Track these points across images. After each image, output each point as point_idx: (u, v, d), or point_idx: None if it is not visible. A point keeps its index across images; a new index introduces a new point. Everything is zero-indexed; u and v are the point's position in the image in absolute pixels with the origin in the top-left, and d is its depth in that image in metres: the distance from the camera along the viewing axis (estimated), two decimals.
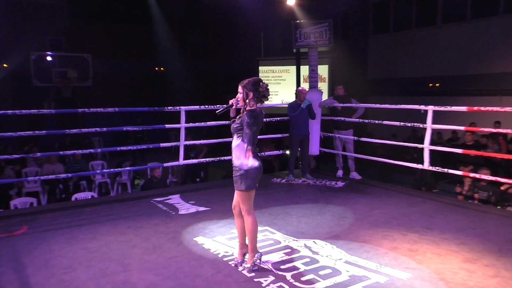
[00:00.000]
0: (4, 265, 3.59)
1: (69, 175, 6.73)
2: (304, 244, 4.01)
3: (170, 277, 3.35)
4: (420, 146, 5.94)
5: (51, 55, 13.94)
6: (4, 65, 13.35)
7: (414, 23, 13.48)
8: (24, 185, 8.10)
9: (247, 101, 3.37)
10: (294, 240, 4.13)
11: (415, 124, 6.06)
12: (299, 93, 6.76)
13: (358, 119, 6.88)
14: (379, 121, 6.71)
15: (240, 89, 3.40)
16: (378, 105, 6.98)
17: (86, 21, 15.01)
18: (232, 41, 15.88)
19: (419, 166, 5.97)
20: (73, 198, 6.43)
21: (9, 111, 5.46)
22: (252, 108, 3.37)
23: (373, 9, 14.80)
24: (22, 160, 8.93)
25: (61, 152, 6.68)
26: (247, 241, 3.48)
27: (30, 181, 7.80)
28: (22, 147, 10.49)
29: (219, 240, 4.15)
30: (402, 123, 6.23)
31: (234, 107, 3.51)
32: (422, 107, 5.74)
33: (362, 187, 6.39)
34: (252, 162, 3.30)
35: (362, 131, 10.99)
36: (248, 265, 3.44)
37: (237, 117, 3.43)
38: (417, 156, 8.18)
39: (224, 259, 3.68)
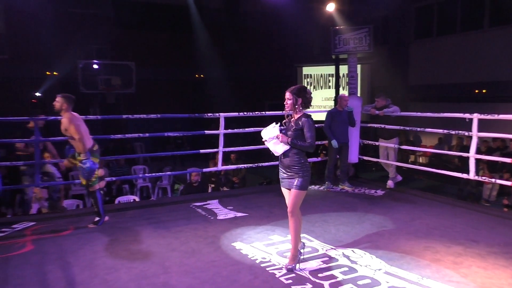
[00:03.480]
0: (52, 264, 3.77)
1: (113, 178, 6.97)
2: (343, 253, 3.95)
3: (208, 280, 3.40)
4: (465, 154, 5.72)
5: (97, 63, 14.54)
6: (54, 73, 14.06)
7: (459, 27, 13.01)
8: (71, 188, 8.46)
9: (296, 106, 3.57)
10: (332, 248, 4.08)
11: (460, 132, 5.84)
12: (340, 99, 6.69)
13: (399, 127, 6.71)
14: (421, 129, 6.53)
15: (289, 95, 3.59)
16: (420, 114, 6.79)
17: (129, 30, 15.56)
18: (269, 48, 15.95)
19: (464, 175, 5.74)
20: (116, 201, 6.66)
21: (58, 117, 5.73)
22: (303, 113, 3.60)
23: (415, 13, 14.44)
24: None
25: (107, 157, 6.92)
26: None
27: (77, 184, 8.14)
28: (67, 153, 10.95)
29: (256, 246, 4.16)
30: (445, 131, 6.03)
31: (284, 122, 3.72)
32: (467, 115, 5.53)
33: (403, 196, 6.23)
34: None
35: (403, 139, 10.73)
36: (290, 266, 3.57)
37: (288, 123, 3.64)
38: (461, 164, 7.90)
39: (262, 265, 3.69)
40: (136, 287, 3.30)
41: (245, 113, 6.56)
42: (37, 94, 14.16)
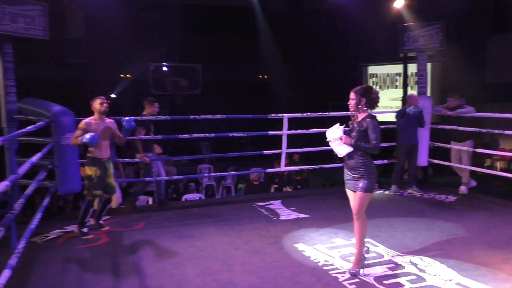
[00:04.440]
0: (124, 256, 4.01)
1: (181, 177, 7.25)
2: (410, 260, 3.79)
3: (270, 280, 3.43)
4: None
5: (166, 66, 15.24)
6: (128, 75, 14.95)
7: None
8: None
9: (359, 107, 3.49)
10: (398, 255, 3.93)
11: None
12: (409, 99, 6.43)
13: (474, 128, 6.29)
14: (500, 131, 6.08)
15: (353, 95, 3.52)
16: (498, 115, 6.31)
17: (196, 33, 16.13)
18: (334, 47, 15.70)
19: None
20: (183, 199, 6.94)
21: (132, 118, 6.09)
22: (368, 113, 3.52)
23: (493, 6, 13.44)
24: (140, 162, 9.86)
25: (174, 157, 7.21)
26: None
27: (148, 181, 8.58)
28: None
29: (319, 248, 4.13)
30: None
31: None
32: None
33: (477, 203, 5.84)
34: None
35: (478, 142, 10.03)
36: (354, 270, 3.50)
37: (352, 124, 3.57)
38: None
39: (324, 268, 3.66)
40: (201, 283, 3.42)
41: (308, 113, 6.52)
42: (112, 95, 15.14)
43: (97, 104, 4.62)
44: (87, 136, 4.29)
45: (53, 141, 4.83)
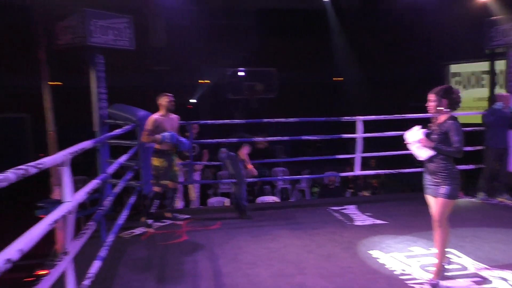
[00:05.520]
0: (202, 254, 4.19)
1: (255, 179, 7.37)
2: (499, 274, 3.50)
3: (343, 286, 3.38)
4: None
5: (242, 71, 15.63)
6: (206, 81, 15.59)
7: None
8: (219, 186, 9.25)
9: (439, 108, 3.34)
10: (486, 268, 3.65)
11: None
12: (499, 98, 5.94)
13: None
14: None
15: (432, 97, 3.36)
16: None
17: (270, 37, 16.33)
18: (412, 46, 14.94)
19: None
20: (257, 201, 7.05)
21: (208, 121, 6.37)
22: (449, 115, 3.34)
23: None
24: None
25: (264, 160, 7.06)
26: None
27: (224, 183, 8.87)
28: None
29: (396, 256, 3.97)
30: None
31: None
32: None
33: None
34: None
35: None
36: (434, 281, 3.33)
37: (433, 126, 3.41)
38: None
39: (401, 277, 3.51)
40: (274, 284, 3.46)
41: (384, 116, 6.29)
42: (192, 100, 15.87)
43: (164, 100, 4.89)
44: (166, 134, 4.57)
45: (138, 144, 5.20)
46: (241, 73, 15.42)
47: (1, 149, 14.02)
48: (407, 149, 3.53)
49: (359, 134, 6.15)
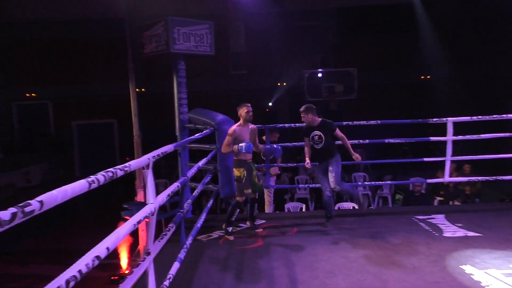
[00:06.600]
0: (278, 260, 4.11)
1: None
2: None
3: None
4: None
5: (321, 72, 15.37)
6: (284, 83, 15.57)
7: None
8: (296, 191, 9.13)
9: None
10: None
11: None
12: None
13: None
14: None
15: None
16: None
17: (351, 36, 15.85)
18: (510, 38, 13.51)
19: None
20: (336, 207, 6.81)
21: (286, 124, 6.30)
22: None
23: None
24: (295, 168, 10.08)
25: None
26: None
27: (301, 188, 8.75)
28: (295, 156, 11.91)
29: (492, 273, 3.55)
30: None
31: None
32: None
33: None
34: None
35: None
36: None
37: None
38: None
39: None
40: None
41: (479, 117, 5.70)
42: (270, 104, 15.96)
43: (244, 111, 4.88)
44: (243, 145, 4.58)
45: (217, 148, 5.29)
46: (319, 75, 15.19)
47: (92, 153, 15.38)
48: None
49: (450, 137, 5.66)
